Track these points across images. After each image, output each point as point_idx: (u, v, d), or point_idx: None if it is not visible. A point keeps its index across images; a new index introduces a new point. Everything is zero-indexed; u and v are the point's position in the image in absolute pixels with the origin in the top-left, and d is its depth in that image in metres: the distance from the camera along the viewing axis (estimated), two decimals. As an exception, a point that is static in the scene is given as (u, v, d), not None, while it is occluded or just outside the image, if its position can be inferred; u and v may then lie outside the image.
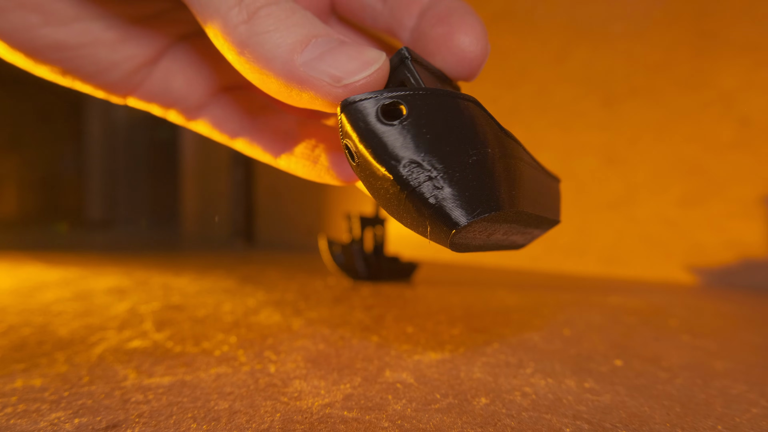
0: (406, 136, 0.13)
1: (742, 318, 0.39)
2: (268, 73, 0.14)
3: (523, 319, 0.35)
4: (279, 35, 0.14)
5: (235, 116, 0.22)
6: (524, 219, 0.16)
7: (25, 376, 0.20)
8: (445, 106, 0.13)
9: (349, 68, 0.14)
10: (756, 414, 0.18)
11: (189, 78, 0.21)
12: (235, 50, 0.14)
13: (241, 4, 0.14)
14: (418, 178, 0.13)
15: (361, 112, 0.13)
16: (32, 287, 0.44)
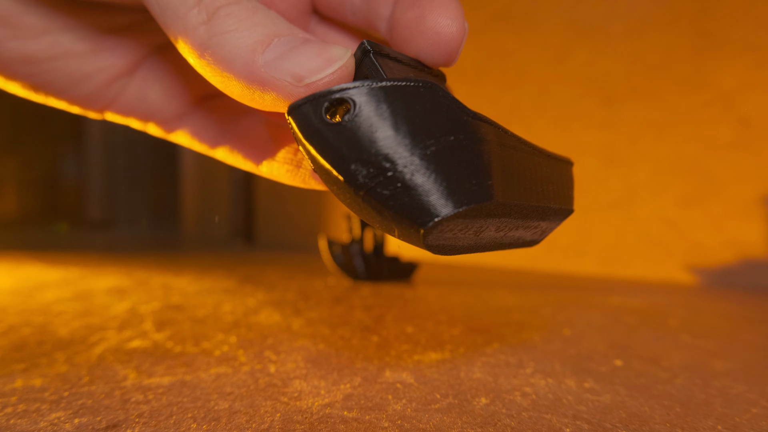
0: (354, 134, 0.12)
1: (742, 318, 0.39)
2: (229, 75, 0.14)
3: (523, 319, 0.35)
4: (239, 35, 0.14)
5: (214, 125, 0.22)
6: (516, 211, 0.15)
7: (25, 376, 0.20)
8: (395, 97, 0.12)
9: (310, 66, 0.13)
10: (756, 414, 0.18)
11: (166, 88, 0.21)
12: (195, 53, 0.14)
13: (200, 5, 0.14)
14: (372, 178, 0.12)
15: (305, 115, 0.13)
16: (32, 287, 0.44)
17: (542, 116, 0.77)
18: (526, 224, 0.16)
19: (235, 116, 0.22)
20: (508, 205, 0.14)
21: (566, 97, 0.74)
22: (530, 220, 0.16)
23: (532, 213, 0.15)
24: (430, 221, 0.12)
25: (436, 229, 0.12)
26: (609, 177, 0.70)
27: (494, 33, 0.83)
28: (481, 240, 0.15)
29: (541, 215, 0.16)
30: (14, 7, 0.17)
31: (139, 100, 0.21)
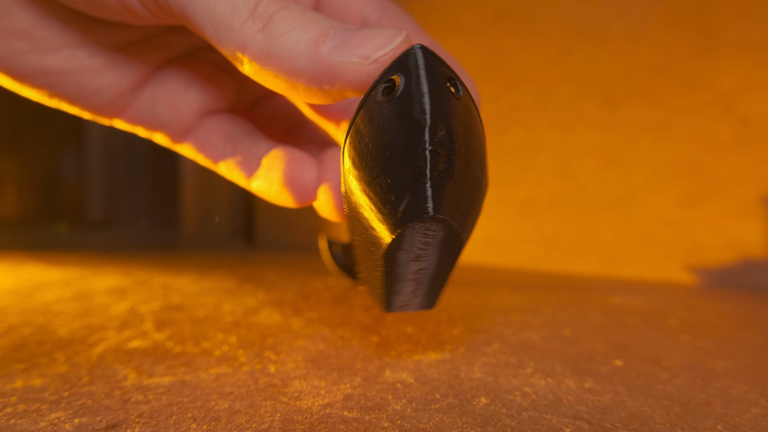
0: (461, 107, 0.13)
1: (742, 318, 0.39)
2: (295, 72, 0.15)
3: (523, 319, 0.35)
4: (297, 34, 0.15)
5: (219, 141, 0.22)
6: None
7: (25, 376, 0.20)
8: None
9: (374, 45, 0.14)
10: (756, 414, 0.18)
11: (175, 103, 0.22)
12: (257, 60, 0.15)
13: (254, 16, 0.15)
14: (440, 141, 0.13)
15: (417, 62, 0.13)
16: (32, 287, 0.44)
17: (542, 116, 0.77)
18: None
19: (241, 135, 0.23)
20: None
21: (566, 97, 0.74)
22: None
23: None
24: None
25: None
26: (609, 177, 0.70)
27: (494, 33, 0.83)
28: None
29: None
30: (35, 22, 0.18)
31: (148, 111, 0.21)
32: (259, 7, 0.15)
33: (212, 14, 0.15)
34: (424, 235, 0.13)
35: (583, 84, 0.72)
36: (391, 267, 0.14)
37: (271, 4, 0.15)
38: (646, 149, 0.67)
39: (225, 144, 0.22)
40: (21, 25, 0.18)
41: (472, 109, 0.14)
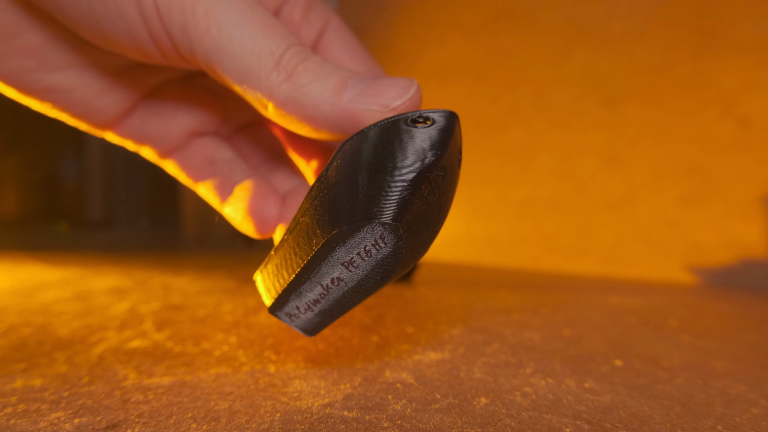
0: (429, 136, 0.15)
1: (742, 318, 0.39)
2: (320, 119, 0.17)
3: (523, 319, 0.35)
4: (320, 84, 0.16)
5: (201, 163, 0.23)
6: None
7: (25, 376, 0.20)
8: (456, 125, 0.16)
9: (391, 95, 0.16)
10: (756, 414, 0.18)
11: (165, 122, 0.23)
12: (282, 108, 0.17)
13: (279, 67, 0.16)
14: (435, 163, 0.15)
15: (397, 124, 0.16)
16: (32, 287, 0.44)
17: (542, 116, 0.77)
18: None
19: (222, 161, 0.24)
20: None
21: (566, 97, 0.74)
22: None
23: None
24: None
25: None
26: (609, 177, 0.70)
27: (494, 33, 0.83)
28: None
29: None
30: (46, 42, 0.19)
31: (139, 128, 0.22)
32: (283, 59, 0.16)
33: (239, 66, 0.16)
34: (373, 243, 0.14)
35: (583, 84, 0.72)
36: (319, 259, 0.15)
37: (294, 57, 0.17)
38: (646, 149, 0.67)
39: (205, 166, 0.23)
40: (32, 44, 0.18)
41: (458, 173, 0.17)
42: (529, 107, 0.79)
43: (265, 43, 0.16)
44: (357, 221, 0.14)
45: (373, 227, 0.14)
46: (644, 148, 0.67)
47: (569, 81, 0.73)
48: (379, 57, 0.99)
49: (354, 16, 1.06)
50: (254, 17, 0.17)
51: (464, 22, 0.87)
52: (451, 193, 0.16)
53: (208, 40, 0.16)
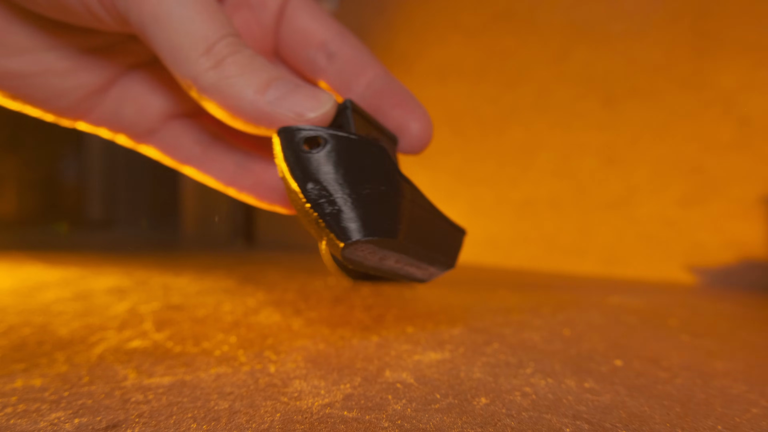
0: (317, 163, 0.16)
1: (742, 318, 0.39)
2: (237, 112, 0.17)
3: (523, 319, 0.35)
4: (245, 79, 0.17)
5: (184, 144, 0.23)
6: (412, 252, 0.19)
7: (25, 376, 0.20)
8: (354, 147, 0.17)
9: (307, 106, 0.17)
10: (756, 414, 0.18)
11: (140, 105, 0.22)
12: (203, 93, 0.17)
13: (210, 53, 0.17)
14: (317, 196, 0.16)
15: (288, 139, 0.17)
16: (32, 287, 0.44)
17: (542, 116, 0.77)
18: (419, 264, 0.20)
19: (207, 139, 0.24)
20: (405, 246, 0.18)
21: (566, 97, 0.74)
22: (422, 262, 0.20)
23: (422, 257, 0.20)
24: (349, 240, 0.16)
25: (353, 246, 0.17)
26: (609, 177, 0.70)
27: (494, 33, 0.83)
28: (383, 266, 0.19)
29: (430, 261, 0.21)
30: (2, 27, 0.18)
31: (112, 113, 0.22)
32: (215, 47, 0.17)
33: (171, 41, 0.16)
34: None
35: (583, 84, 0.72)
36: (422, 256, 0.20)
37: (227, 47, 0.17)
38: (646, 149, 0.67)
39: (193, 146, 0.23)
40: None
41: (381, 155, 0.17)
42: (529, 107, 0.79)
43: (202, 27, 0.17)
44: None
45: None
46: (644, 148, 0.67)
47: (569, 81, 0.73)
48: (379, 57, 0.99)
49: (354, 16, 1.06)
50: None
51: (464, 22, 0.87)
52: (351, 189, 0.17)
53: (146, 8, 0.16)
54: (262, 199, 0.24)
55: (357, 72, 0.22)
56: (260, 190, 0.23)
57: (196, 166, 0.23)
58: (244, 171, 0.23)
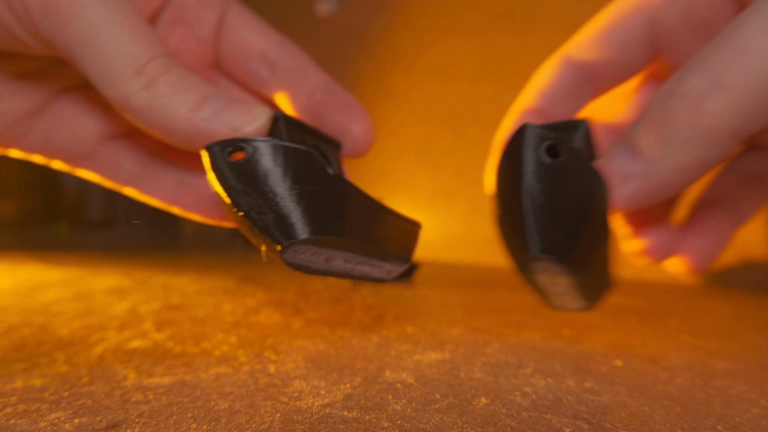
0: (245, 173, 0.17)
1: (742, 318, 0.39)
2: (172, 131, 0.17)
3: (523, 319, 0.35)
4: (177, 98, 0.17)
5: (123, 164, 0.23)
6: (358, 249, 0.19)
7: (25, 376, 0.20)
8: (279, 153, 0.17)
9: (242, 120, 0.17)
10: (756, 414, 0.18)
11: (74, 128, 0.22)
12: (136, 114, 0.17)
13: (140, 74, 0.17)
14: (248, 205, 0.16)
15: (215, 154, 0.17)
16: (32, 287, 0.44)
17: (542, 116, 0.77)
18: (371, 262, 0.20)
19: (147, 159, 0.23)
20: (349, 243, 0.18)
21: (566, 97, 0.74)
22: (373, 260, 0.20)
23: (373, 254, 0.20)
24: (285, 242, 0.16)
25: (291, 249, 0.17)
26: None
27: (494, 33, 0.83)
28: (332, 267, 0.19)
29: (382, 257, 0.20)
30: None
31: (45, 139, 0.21)
32: (146, 67, 0.17)
33: (100, 64, 0.16)
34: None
35: (583, 84, 0.72)
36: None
37: (158, 67, 0.17)
38: (646, 149, 0.67)
39: (132, 166, 0.23)
40: None
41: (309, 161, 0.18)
42: (529, 107, 0.78)
43: (131, 48, 0.16)
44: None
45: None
46: (644, 148, 0.67)
47: (569, 81, 0.73)
48: (379, 57, 0.99)
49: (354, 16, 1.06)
50: (125, 19, 0.17)
51: (464, 22, 0.87)
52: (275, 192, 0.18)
53: (71, 31, 0.16)
54: (206, 215, 0.24)
55: (299, 81, 0.22)
56: (203, 206, 0.23)
57: (137, 187, 0.23)
58: (186, 188, 0.23)
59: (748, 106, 0.14)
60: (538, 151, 0.17)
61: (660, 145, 0.16)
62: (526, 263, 0.18)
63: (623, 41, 0.21)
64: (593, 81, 0.22)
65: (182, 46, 0.22)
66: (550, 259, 0.17)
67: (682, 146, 0.15)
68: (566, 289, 0.20)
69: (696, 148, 0.15)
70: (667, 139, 0.16)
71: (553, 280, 0.20)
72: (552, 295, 0.22)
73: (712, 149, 0.15)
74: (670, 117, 0.15)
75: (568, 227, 0.17)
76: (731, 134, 0.15)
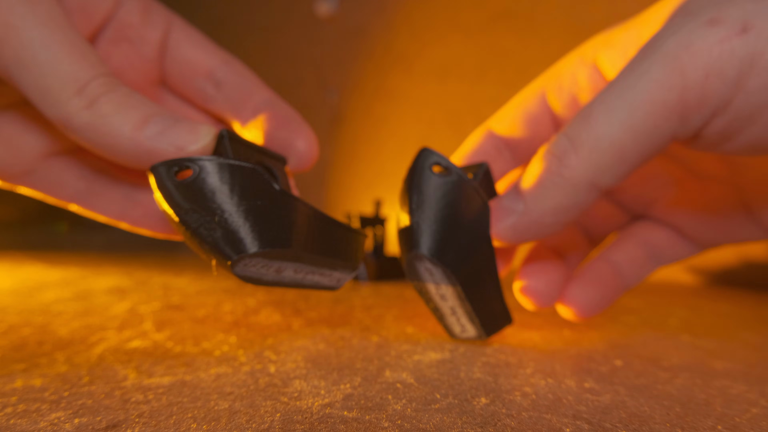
0: (192, 191, 0.17)
1: (742, 318, 0.39)
2: (116, 150, 0.17)
3: (524, 319, 0.35)
4: (121, 117, 0.17)
5: (67, 181, 0.23)
6: (307, 259, 0.20)
7: (25, 376, 0.20)
8: (224, 171, 0.17)
9: (187, 140, 0.18)
10: (756, 414, 0.18)
11: (12, 146, 0.21)
12: (78, 133, 0.17)
13: (82, 93, 0.16)
14: (196, 222, 0.17)
15: (160, 173, 0.17)
16: (32, 287, 0.44)
17: (542, 116, 0.77)
18: (320, 271, 0.21)
19: (91, 175, 0.23)
20: (298, 254, 0.19)
21: (566, 97, 0.74)
22: (322, 269, 0.21)
23: (321, 263, 0.21)
24: (234, 256, 0.17)
25: (241, 263, 0.17)
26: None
27: (494, 33, 0.83)
28: (283, 278, 0.20)
29: (331, 266, 0.21)
30: None
31: None
32: (88, 87, 0.17)
33: (38, 84, 0.16)
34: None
35: (583, 84, 0.72)
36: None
37: (100, 87, 0.17)
38: (646, 149, 0.67)
39: (76, 183, 0.23)
40: None
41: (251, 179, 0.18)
42: (529, 107, 0.78)
43: (71, 68, 0.16)
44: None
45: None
46: (644, 148, 0.67)
47: (569, 81, 0.73)
48: (379, 57, 0.99)
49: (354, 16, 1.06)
50: (63, 39, 0.16)
51: (464, 22, 0.87)
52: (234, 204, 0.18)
53: (8, 51, 0.16)
54: (154, 230, 0.24)
55: (244, 98, 0.23)
56: (151, 221, 0.23)
57: (82, 204, 0.23)
58: (133, 203, 0.23)
59: (597, 162, 0.17)
60: (427, 166, 0.20)
61: (535, 189, 0.19)
62: (410, 262, 0.21)
63: (529, 120, 0.25)
64: (510, 146, 0.26)
65: (126, 64, 0.22)
66: (427, 257, 0.19)
67: (549, 192, 0.19)
68: (454, 304, 0.23)
69: (559, 194, 0.19)
70: (540, 185, 0.19)
71: (438, 289, 0.22)
72: (444, 313, 0.24)
73: (571, 196, 0.18)
74: (544, 167, 0.19)
75: (451, 236, 0.20)
76: (586, 185, 0.18)
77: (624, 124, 0.17)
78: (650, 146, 0.17)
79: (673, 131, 0.17)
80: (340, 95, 1.06)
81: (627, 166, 0.17)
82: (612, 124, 0.17)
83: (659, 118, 0.16)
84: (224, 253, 0.17)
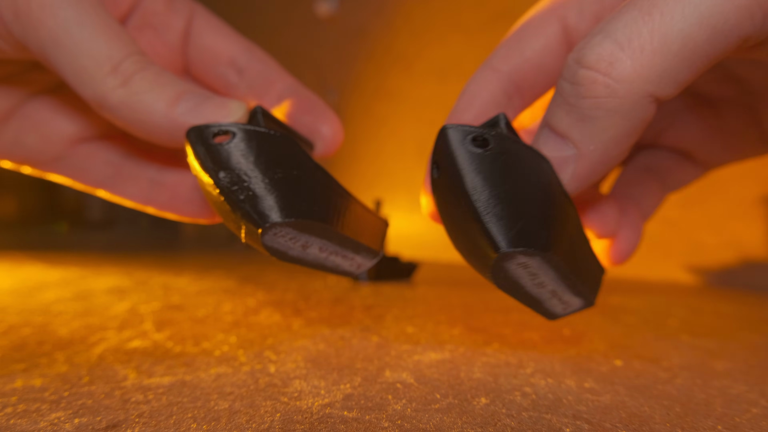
0: (229, 153, 0.17)
1: (742, 318, 0.39)
2: (151, 127, 0.17)
3: (523, 319, 0.35)
4: (156, 94, 0.17)
5: (95, 166, 0.23)
6: (335, 238, 0.19)
7: (25, 376, 0.20)
8: (263, 139, 0.17)
9: (219, 114, 0.18)
10: (756, 414, 0.18)
11: (43, 133, 0.22)
12: (114, 111, 0.17)
13: (117, 71, 0.17)
14: (232, 184, 0.17)
15: (198, 135, 0.17)
16: (32, 287, 0.44)
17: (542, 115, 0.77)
18: (344, 253, 0.20)
19: (119, 160, 0.23)
20: (328, 230, 0.18)
21: (566, 97, 0.74)
22: (347, 251, 0.20)
23: (347, 244, 0.20)
24: (266, 222, 0.16)
25: (270, 231, 0.17)
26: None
27: (494, 33, 0.83)
28: (307, 255, 0.19)
29: (355, 249, 0.21)
30: None
31: (14, 145, 0.21)
32: (122, 65, 0.17)
33: (75, 63, 0.16)
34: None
35: (583, 84, 0.72)
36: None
37: (133, 64, 0.17)
38: (646, 149, 0.67)
39: (104, 168, 0.23)
40: None
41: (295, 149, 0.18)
42: (529, 107, 0.78)
43: (105, 47, 0.17)
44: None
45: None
46: (644, 148, 0.67)
47: (569, 81, 0.73)
48: (379, 57, 0.99)
49: (354, 16, 1.06)
50: (97, 18, 0.17)
51: (464, 22, 0.87)
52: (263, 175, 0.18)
53: (44, 32, 0.16)
54: (181, 213, 0.24)
55: (267, 85, 0.23)
56: (178, 204, 0.24)
57: (109, 189, 0.23)
58: (159, 187, 0.23)
59: (661, 66, 0.14)
60: (466, 145, 0.16)
61: (580, 124, 0.15)
62: (498, 267, 0.16)
63: (541, 47, 0.20)
64: (521, 89, 0.22)
65: (151, 52, 0.22)
66: (520, 251, 0.15)
67: (601, 121, 0.15)
68: (553, 285, 0.18)
69: (615, 119, 0.14)
70: (584, 118, 0.15)
71: (534, 279, 0.18)
72: (543, 299, 0.20)
73: (631, 117, 0.14)
74: (586, 90, 0.14)
75: (527, 211, 0.15)
76: (647, 98, 0.14)
77: (702, 16, 0.13)
78: (723, 47, 0.14)
79: (746, 31, 0.14)
80: (340, 95, 1.05)
81: (693, 71, 0.14)
82: (686, 17, 0.13)
83: (739, 16, 0.13)
84: (256, 219, 0.16)
